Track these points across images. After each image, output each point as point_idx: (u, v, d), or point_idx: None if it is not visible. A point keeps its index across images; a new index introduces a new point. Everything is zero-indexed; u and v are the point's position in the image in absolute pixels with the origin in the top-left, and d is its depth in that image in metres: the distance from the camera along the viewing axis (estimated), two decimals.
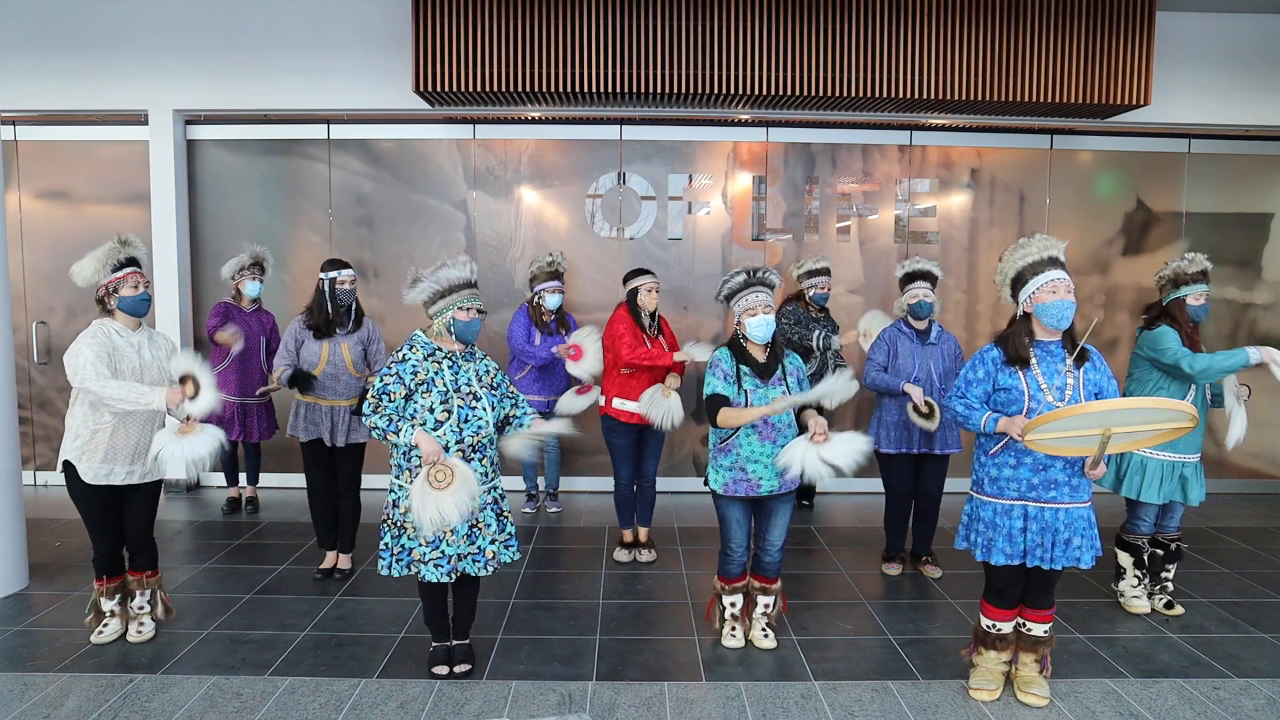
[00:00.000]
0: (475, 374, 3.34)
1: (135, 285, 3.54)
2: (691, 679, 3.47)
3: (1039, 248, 3.14)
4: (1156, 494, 3.98)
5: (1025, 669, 3.33)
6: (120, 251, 3.52)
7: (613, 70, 5.41)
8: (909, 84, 5.48)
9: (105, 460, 3.56)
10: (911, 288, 4.45)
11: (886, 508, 4.72)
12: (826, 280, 5.40)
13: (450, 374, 3.27)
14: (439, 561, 3.27)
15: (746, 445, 3.51)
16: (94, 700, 3.25)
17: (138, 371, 3.54)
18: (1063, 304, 3.07)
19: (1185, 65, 5.99)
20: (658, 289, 4.70)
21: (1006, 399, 3.15)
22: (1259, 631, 3.97)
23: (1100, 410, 2.88)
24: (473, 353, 3.40)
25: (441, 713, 3.18)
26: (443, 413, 3.22)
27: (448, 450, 3.21)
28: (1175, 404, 2.93)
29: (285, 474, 6.31)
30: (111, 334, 3.53)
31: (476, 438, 3.27)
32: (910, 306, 4.45)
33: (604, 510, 5.79)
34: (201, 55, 5.93)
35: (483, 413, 3.29)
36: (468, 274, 3.31)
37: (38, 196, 6.41)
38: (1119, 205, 6.51)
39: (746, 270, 3.57)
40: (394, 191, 6.36)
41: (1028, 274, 3.13)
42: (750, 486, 3.54)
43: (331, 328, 4.42)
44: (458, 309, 3.26)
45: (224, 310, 5.46)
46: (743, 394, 3.49)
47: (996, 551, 3.19)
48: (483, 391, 3.32)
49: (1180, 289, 3.96)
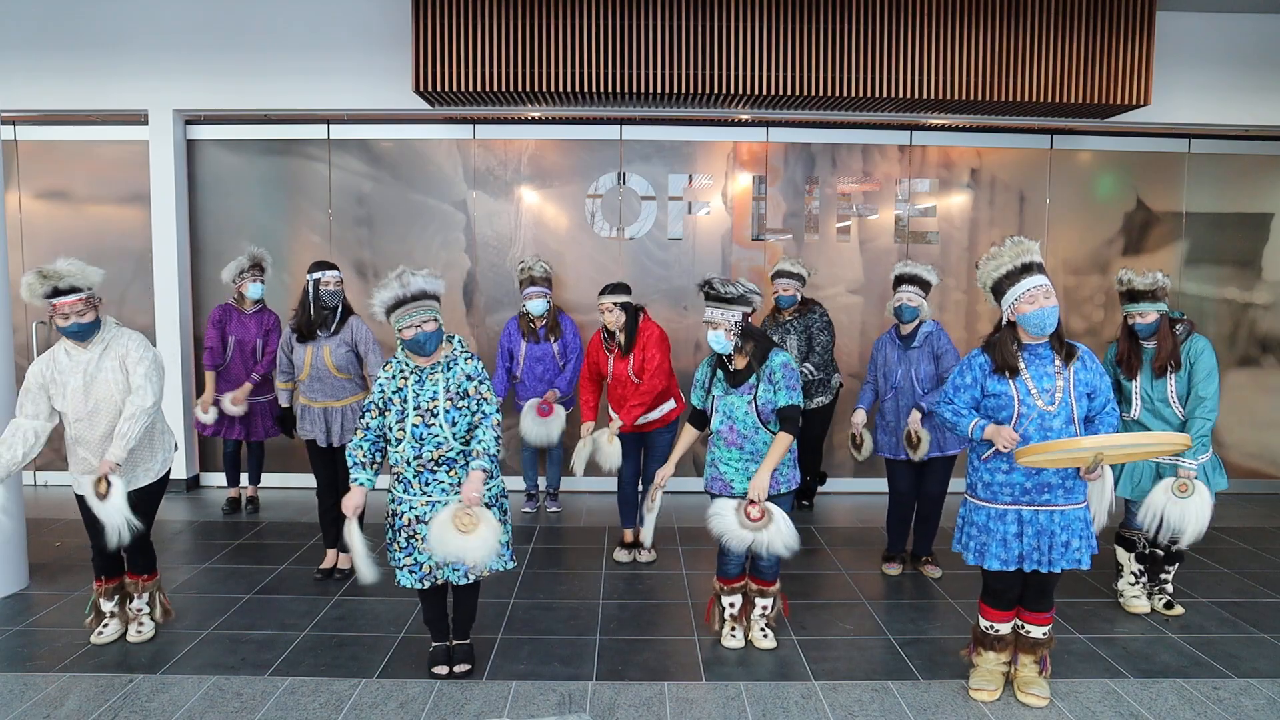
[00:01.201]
0: (444, 386, 3.23)
1: (65, 316, 3.44)
2: (691, 679, 3.47)
3: (1011, 256, 3.09)
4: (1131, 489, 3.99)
5: (1025, 669, 3.32)
6: (41, 285, 3.40)
7: (613, 70, 5.41)
8: (909, 84, 5.48)
9: (74, 470, 3.62)
10: (898, 290, 4.45)
11: (889, 507, 4.72)
12: (791, 283, 5.36)
13: (415, 388, 3.23)
14: (412, 568, 3.31)
15: (717, 448, 3.61)
16: (94, 700, 3.25)
17: (80, 391, 3.49)
18: (1042, 313, 3.04)
19: (1185, 65, 5.99)
20: (614, 309, 4.57)
21: (996, 405, 3.14)
22: (1259, 631, 3.97)
23: (1092, 446, 2.90)
24: (453, 360, 3.28)
25: (441, 713, 3.18)
26: (399, 431, 3.22)
27: (408, 464, 3.22)
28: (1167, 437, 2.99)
29: (286, 474, 6.31)
30: (59, 354, 3.54)
31: (437, 453, 3.21)
32: (894, 309, 4.47)
33: (604, 510, 5.79)
34: (201, 55, 5.93)
35: (439, 430, 3.19)
36: (398, 289, 3.18)
37: (38, 196, 6.41)
38: (1119, 205, 6.51)
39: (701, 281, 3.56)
40: (394, 191, 6.36)
41: (1005, 284, 3.10)
42: (724, 486, 3.59)
43: (313, 329, 4.43)
44: (399, 328, 3.20)
45: (220, 317, 5.48)
46: (710, 399, 3.61)
47: (990, 557, 3.18)
48: (445, 406, 3.21)
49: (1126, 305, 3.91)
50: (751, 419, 3.51)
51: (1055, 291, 3.09)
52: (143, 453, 3.66)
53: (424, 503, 3.25)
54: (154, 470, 3.72)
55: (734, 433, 3.53)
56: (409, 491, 3.27)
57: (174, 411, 6.06)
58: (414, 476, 3.25)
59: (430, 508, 3.23)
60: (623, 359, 4.64)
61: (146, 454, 3.68)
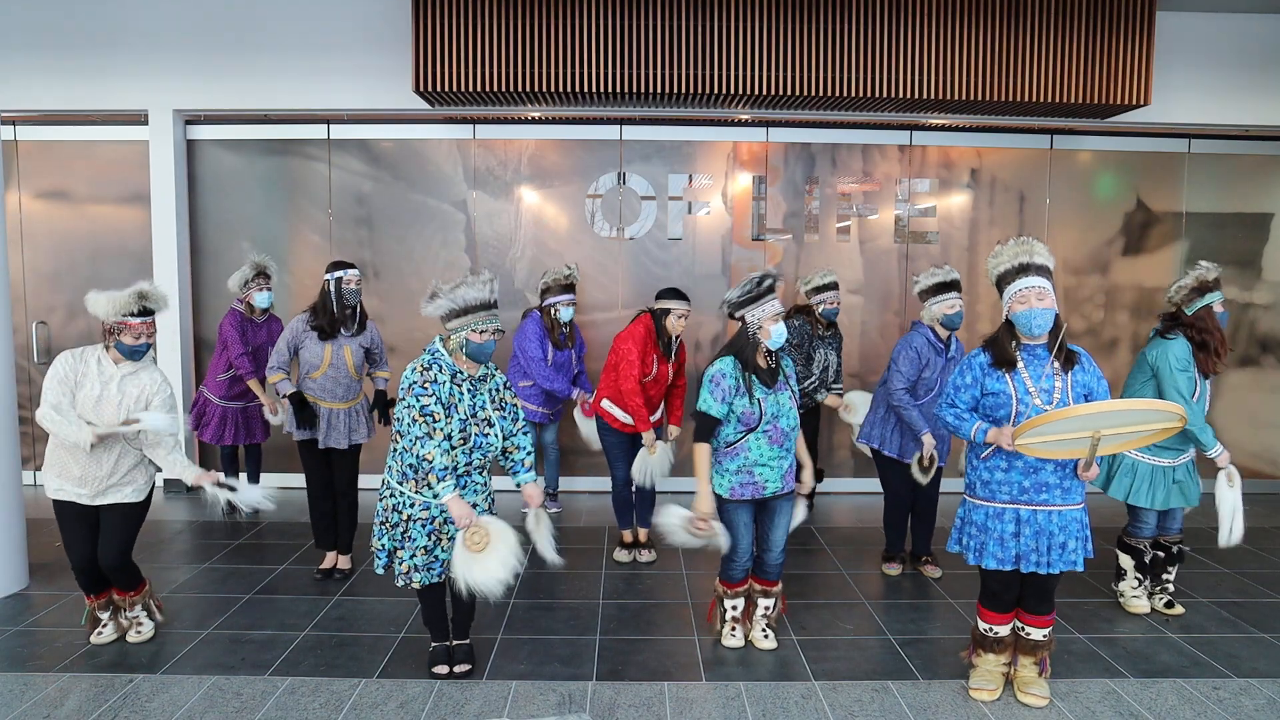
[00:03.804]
0: (489, 395, 3.33)
1: (137, 336, 3.50)
2: (691, 679, 3.47)
3: (1010, 255, 3.12)
4: (1147, 499, 3.97)
5: (1024, 670, 3.32)
6: (137, 303, 3.49)
7: (613, 70, 5.41)
8: (909, 84, 5.48)
9: (59, 476, 3.57)
10: (947, 297, 4.29)
11: (886, 508, 4.72)
12: (836, 295, 5.31)
13: (469, 399, 3.25)
14: (431, 565, 3.32)
15: (756, 449, 3.51)
16: (94, 700, 3.25)
17: (92, 399, 3.49)
18: (1031, 314, 3.05)
19: (1185, 65, 5.99)
20: (687, 316, 4.60)
21: (994, 403, 3.15)
22: (1259, 631, 3.97)
23: (1088, 413, 2.88)
24: (489, 370, 3.37)
25: (441, 713, 3.18)
26: (459, 439, 3.21)
27: (455, 470, 3.21)
28: (1163, 404, 2.95)
29: (285, 474, 6.31)
30: (90, 360, 3.53)
31: (484, 459, 3.31)
32: (946, 317, 4.31)
33: (604, 510, 5.79)
34: (201, 55, 5.93)
35: (494, 439, 3.30)
36: (487, 295, 3.21)
37: (38, 196, 6.41)
38: (1119, 205, 6.51)
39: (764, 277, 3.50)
40: (394, 191, 6.36)
41: (1002, 282, 3.15)
42: (756, 489, 3.55)
43: (336, 329, 4.41)
44: (472, 330, 3.18)
45: (239, 323, 5.34)
46: (755, 403, 3.47)
47: (988, 555, 3.18)
48: (495, 416, 3.31)
49: (1206, 296, 3.89)
50: (795, 414, 3.57)
51: (1054, 294, 3.09)
52: (135, 471, 3.64)
53: None
54: (142, 489, 3.68)
55: (779, 431, 3.52)
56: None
57: None
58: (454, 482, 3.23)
59: None
60: (665, 361, 4.66)
61: (138, 472, 3.65)
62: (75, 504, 3.58)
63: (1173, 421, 3.00)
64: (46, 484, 3.61)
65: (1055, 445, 3.00)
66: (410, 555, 3.31)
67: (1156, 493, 3.97)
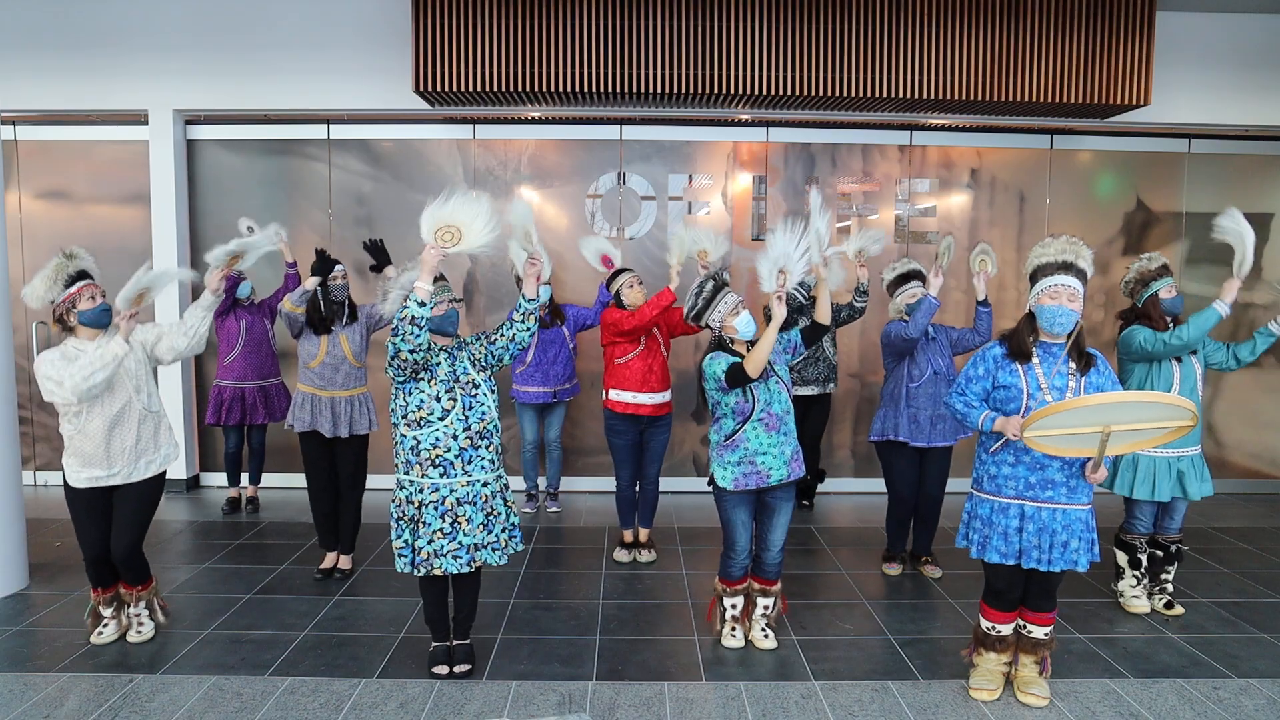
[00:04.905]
0: (469, 360, 3.35)
1: (93, 297, 3.46)
2: (691, 679, 3.47)
3: (1056, 250, 3.15)
4: (1151, 490, 3.98)
5: (1025, 669, 3.33)
6: (68, 266, 3.41)
7: (613, 70, 5.41)
8: (909, 84, 5.48)
9: (85, 465, 3.54)
10: (908, 287, 4.49)
11: (889, 508, 4.71)
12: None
13: (449, 365, 3.28)
14: (457, 553, 3.26)
15: (754, 439, 3.52)
16: (94, 700, 3.25)
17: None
18: (1056, 310, 3.07)
19: (1185, 65, 5.99)
20: (639, 281, 4.79)
21: (1005, 396, 3.16)
22: (1259, 631, 3.97)
23: (1098, 404, 2.88)
24: (461, 345, 3.38)
25: (441, 713, 3.18)
26: (449, 401, 3.22)
27: (454, 439, 3.22)
28: (1174, 399, 2.92)
29: (286, 474, 6.31)
30: (68, 350, 3.48)
31: (482, 423, 3.29)
32: (908, 306, 4.44)
33: (604, 510, 5.79)
34: (201, 55, 5.93)
35: (484, 398, 3.30)
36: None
37: (38, 196, 6.41)
38: (1119, 205, 6.51)
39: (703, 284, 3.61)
40: (394, 191, 6.36)
41: (1039, 274, 3.16)
42: (760, 478, 3.55)
43: (329, 324, 4.43)
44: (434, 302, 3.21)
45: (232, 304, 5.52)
46: (748, 393, 3.52)
47: (991, 549, 3.19)
48: (481, 377, 3.33)
49: (1150, 286, 4.04)
50: (786, 397, 3.58)
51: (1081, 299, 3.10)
52: (148, 444, 3.63)
53: (465, 483, 3.26)
54: (156, 463, 3.67)
55: (773, 417, 3.53)
56: (450, 474, 3.23)
57: (174, 411, 6.07)
58: (456, 456, 3.23)
59: (471, 487, 3.26)
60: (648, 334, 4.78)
61: (151, 446, 3.65)
62: (91, 492, 3.57)
63: (1185, 419, 2.96)
64: (69, 473, 3.56)
65: (1064, 441, 2.99)
66: (428, 541, 3.26)
67: (1159, 483, 3.97)
